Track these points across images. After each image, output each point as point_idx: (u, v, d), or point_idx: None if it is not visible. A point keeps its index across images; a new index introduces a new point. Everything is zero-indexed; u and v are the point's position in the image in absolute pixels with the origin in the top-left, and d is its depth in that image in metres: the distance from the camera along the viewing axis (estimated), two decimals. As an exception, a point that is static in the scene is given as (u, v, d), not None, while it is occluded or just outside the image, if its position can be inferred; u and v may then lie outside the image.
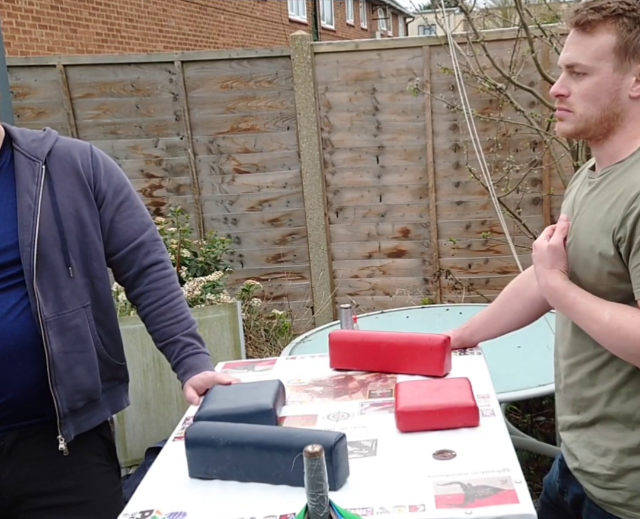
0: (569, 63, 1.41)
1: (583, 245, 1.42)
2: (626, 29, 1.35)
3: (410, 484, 1.23)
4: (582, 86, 1.39)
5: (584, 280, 1.42)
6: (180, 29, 11.35)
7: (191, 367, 1.76)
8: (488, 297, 4.56)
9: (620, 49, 1.36)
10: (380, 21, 28.25)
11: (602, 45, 1.36)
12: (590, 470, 1.47)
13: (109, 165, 1.78)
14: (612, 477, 1.43)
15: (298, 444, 1.20)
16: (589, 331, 1.39)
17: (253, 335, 4.52)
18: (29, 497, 1.68)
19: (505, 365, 2.57)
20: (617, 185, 1.37)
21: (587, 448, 1.47)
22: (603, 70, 1.37)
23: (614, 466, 1.42)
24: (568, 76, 1.42)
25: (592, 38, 1.37)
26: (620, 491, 1.42)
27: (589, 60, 1.37)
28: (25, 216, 1.61)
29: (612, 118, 1.39)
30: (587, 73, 1.38)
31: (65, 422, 1.66)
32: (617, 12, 1.36)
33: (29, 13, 7.95)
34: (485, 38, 4.47)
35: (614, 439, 1.42)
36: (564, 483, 1.60)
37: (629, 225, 1.31)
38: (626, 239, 1.32)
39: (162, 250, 1.84)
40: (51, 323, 1.62)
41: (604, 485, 1.44)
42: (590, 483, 1.48)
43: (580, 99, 1.40)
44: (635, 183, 1.33)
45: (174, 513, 1.24)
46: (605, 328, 1.34)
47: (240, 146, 5.05)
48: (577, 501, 1.54)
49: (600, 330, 1.35)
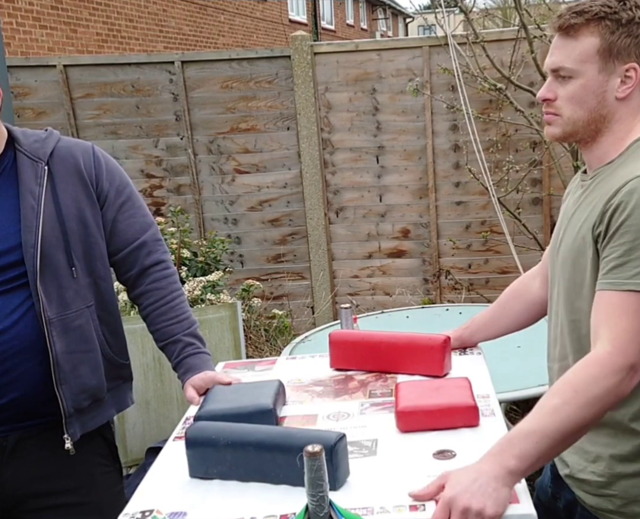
0: (555, 67, 1.42)
1: (572, 245, 1.42)
2: (609, 31, 1.37)
3: (411, 484, 1.23)
4: (569, 89, 1.40)
5: (573, 282, 1.42)
6: (181, 29, 11.35)
7: (192, 367, 1.76)
8: (488, 297, 4.57)
9: (604, 51, 1.37)
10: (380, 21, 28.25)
11: (586, 48, 1.38)
12: (581, 477, 1.46)
13: (111, 165, 1.79)
14: (604, 484, 1.41)
15: (298, 444, 1.20)
16: (577, 422, 1.26)
17: (253, 335, 4.52)
18: (32, 497, 1.68)
19: (505, 365, 2.57)
20: (604, 185, 1.38)
21: (578, 454, 1.46)
22: (588, 73, 1.38)
23: (604, 473, 1.41)
24: (554, 80, 1.43)
25: (575, 41, 1.39)
26: (611, 498, 1.41)
27: (574, 64, 1.38)
28: (28, 217, 1.61)
29: (599, 120, 1.40)
30: (572, 76, 1.39)
31: (71, 421, 1.66)
32: (599, 15, 1.37)
33: (29, 13, 7.95)
34: (485, 38, 4.47)
35: (605, 446, 1.41)
36: (556, 488, 1.59)
37: (606, 220, 1.32)
38: (602, 233, 1.33)
39: (164, 250, 1.85)
40: (55, 324, 1.62)
41: (595, 492, 1.43)
42: (581, 489, 1.47)
43: (567, 102, 1.40)
44: (618, 180, 1.34)
45: (174, 512, 1.24)
46: (572, 407, 1.24)
47: (241, 146, 5.05)
48: (569, 506, 1.53)
49: (572, 408, 1.24)
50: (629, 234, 1.29)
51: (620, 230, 1.30)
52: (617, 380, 1.25)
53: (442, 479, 1.19)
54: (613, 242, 1.31)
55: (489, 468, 1.18)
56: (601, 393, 1.25)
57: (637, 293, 1.27)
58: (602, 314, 1.31)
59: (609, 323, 1.29)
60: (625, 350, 1.26)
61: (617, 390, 1.26)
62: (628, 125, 1.40)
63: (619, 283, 1.29)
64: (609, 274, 1.31)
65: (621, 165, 1.38)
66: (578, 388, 1.26)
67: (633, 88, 1.38)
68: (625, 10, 1.37)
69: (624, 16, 1.37)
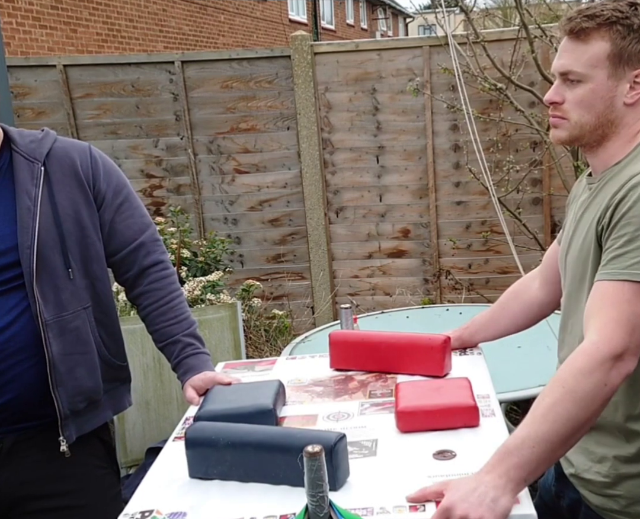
0: (563, 70, 1.41)
1: (582, 246, 1.42)
2: (620, 36, 1.36)
3: (411, 484, 1.23)
4: (577, 93, 1.39)
5: (582, 283, 1.41)
6: (181, 29, 11.35)
7: (191, 367, 1.75)
8: (488, 297, 4.57)
9: (615, 57, 1.36)
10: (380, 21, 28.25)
11: (597, 53, 1.37)
12: (586, 477, 1.46)
13: (108, 166, 1.78)
14: (608, 484, 1.41)
15: (298, 444, 1.20)
16: (574, 420, 1.24)
17: (253, 335, 4.52)
18: (28, 499, 1.67)
19: (505, 365, 2.57)
20: (611, 184, 1.38)
21: (583, 454, 1.46)
22: (597, 78, 1.37)
23: (609, 473, 1.41)
24: (562, 83, 1.42)
25: (586, 45, 1.38)
26: (616, 498, 1.41)
27: (584, 68, 1.38)
28: (24, 218, 1.60)
29: (606, 125, 1.39)
30: (581, 80, 1.38)
31: (67, 424, 1.66)
32: (610, 19, 1.36)
33: (29, 13, 7.95)
34: (486, 38, 4.47)
35: (609, 446, 1.41)
36: (560, 487, 1.58)
37: (608, 214, 1.32)
38: (604, 227, 1.33)
39: (162, 251, 1.84)
40: (51, 325, 1.62)
41: (600, 492, 1.43)
42: (586, 489, 1.46)
43: (575, 106, 1.40)
44: (623, 178, 1.34)
45: (174, 513, 1.24)
46: (562, 406, 1.23)
47: (240, 146, 5.05)
48: (573, 506, 1.53)
49: (563, 407, 1.23)
50: (629, 226, 1.28)
51: (622, 222, 1.29)
52: (604, 371, 1.23)
53: (441, 486, 1.18)
54: (614, 234, 1.30)
55: (489, 478, 1.17)
56: (589, 387, 1.23)
57: (631, 283, 1.26)
58: (595, 305, 1.30)
59: (600, 313, 1.28)
60: (610, 339, 1.24)
61: (605, 381, 1.23)
62: (635, 128, 1.40)
63: (615, 273, 1.28)
64: (608, 265, 1.30)
65: (627, 165, 1.38)
66: (566, 384, 1.24)
67: None
68: (637, 16, 1.36)
69: (636, 21, 1.36)
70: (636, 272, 1.26)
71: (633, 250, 1.27)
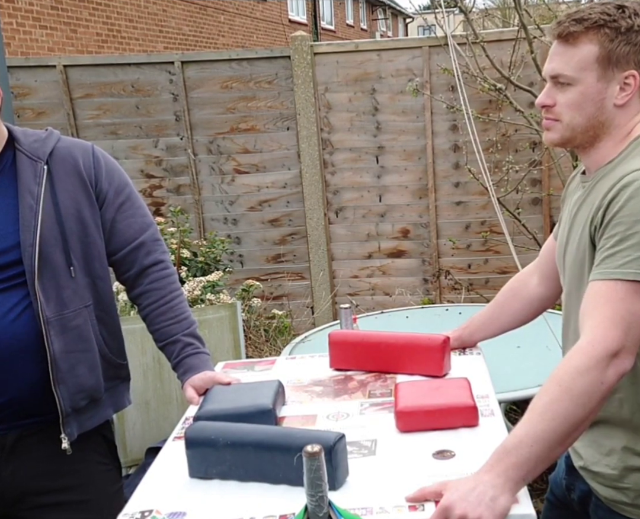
0: (554, 74, 1.43)
1: (578, 245, 1.43)
2: (608, 39, 1.37)
3: (410, 484, 1.23)
4: (567, 96, 1.41)
5: (580, 282, 1.42)
6: (180, 29, 11.36)
7: (191, 367, 1.76)
8: (487, 297, 4.56)
9: (603, 59, 1.38)
10: (380, 21, 28.26)
11: (586, 56, 1.38)
12: (595, 469, 1.47)
13: (111, 165, 1.79)
14: (617, 477, 1.42)
15: (298, 444, 1.20)
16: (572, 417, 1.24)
17: (253, 335, 4.52)
18: (30, 495, 1.68)
19: (505, 365, 2.57)
20: (603, 183, 1.39)
21: (592, 447, 1.47)
22: (587, 80, 1.39)
23: (618, 466, 1.42)
24: (553, 86, 1.44)
25: (575, 49, 1.39)
26: (625, 490, 1.42)
27: (573, 71, 1.39)
28: (27, 216, 1.61)
29: (597, 127, 1.41)
30: (571, 83, 1.40)
31: (68, 421, 1.67)
32: (598, 23, 1.38)
33: (29, 14, 7.95)
34: (485, 38, 4.47)
35: (618, 439, 1.42)
36: (570, 479, 1.60)
37: (600, 214, 1.33)
38: (597, 227, 1.34)
39: (163, 250, 1.85)
40: (53, 323, 1.62)
41: (609, 484, 1.44)
42: (595, 481, 1.47)
43: (566, 109, 1.41)
44: (615, 177, 1.35)
45: (173, 513, 1.24)
46: (559, 404, 1.23)
47: (240, 146, 5.05)
48: (584, 498, 1.54)
49: (560, 405, 1.23)
50: (620, 225, 1.30)
51: (613, 221, 1.31)
52: (600, 369, 1.23)
53: (441, 485, 1.19)
54: (606, 233, 1.32)
55: (488, 477, 1.17)
56: (586, 385, 1.23)
57: (624, 282, 1.27)
58: (589, 304, 1.31)
59: (594, 312, 1.29)
60: (605, 337, 1.25)
61: (602, 379, 1.23)
62: (627, 129, 1.41)
63: (607, 272, 1.29)
64: (600, 265, 1.31)
65: (620, 163, 1.39)
66: (562, 383, 1.24)
67: (632, 95, 1.39)
68: (624, 18, 1.38)
69: (623, 24, 1.37)
70: (629, 271, 1.27)
71: (625, 249, 1.28)
